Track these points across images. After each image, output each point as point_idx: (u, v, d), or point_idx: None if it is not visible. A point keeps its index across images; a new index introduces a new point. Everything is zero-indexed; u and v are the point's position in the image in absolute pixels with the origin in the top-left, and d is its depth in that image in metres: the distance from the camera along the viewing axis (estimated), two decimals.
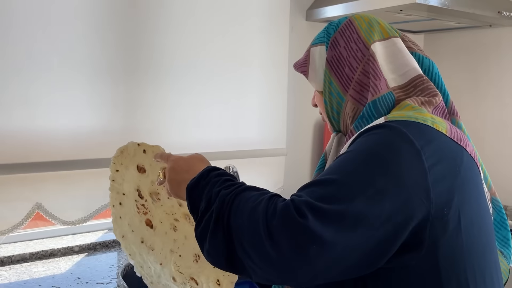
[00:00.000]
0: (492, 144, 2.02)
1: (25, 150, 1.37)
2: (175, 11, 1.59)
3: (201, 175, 0.77)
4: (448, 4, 1.57)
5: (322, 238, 0.59)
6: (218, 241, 0.67)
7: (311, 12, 1.90)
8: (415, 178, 0.65)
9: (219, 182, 0.74)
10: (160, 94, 1.59)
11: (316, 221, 0.60)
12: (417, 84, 0.81)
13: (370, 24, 0.84)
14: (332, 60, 0.85)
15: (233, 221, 0.67)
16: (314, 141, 2.06)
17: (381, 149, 0.67)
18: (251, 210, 0.65)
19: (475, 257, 0.71)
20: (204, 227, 0.70)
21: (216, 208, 0.69)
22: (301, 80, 1.95)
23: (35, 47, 1.36)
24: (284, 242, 0.60)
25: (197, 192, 0.76)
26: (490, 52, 2.04)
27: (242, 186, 0.72)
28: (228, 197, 0.69)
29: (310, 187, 0.66)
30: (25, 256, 1.44)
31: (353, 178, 0.65)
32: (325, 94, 0.86)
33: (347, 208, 0.61)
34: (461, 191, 0.69)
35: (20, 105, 1.36)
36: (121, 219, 1.07)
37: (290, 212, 0.61)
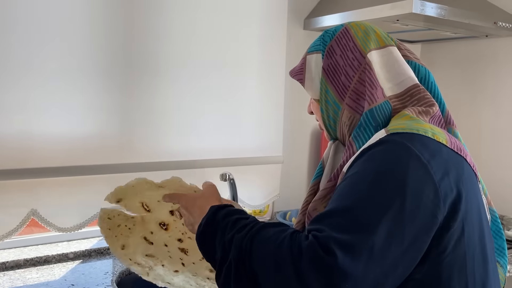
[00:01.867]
0: (488, 153, 2.03)
1: (21, 156, 1.37)
2: (173, 18, 1.59)
3: (207, 220, 0.76)
4: (444, 14, 1.58)
5: (353, 275, 0.59)
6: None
7: (309, 21, 1.91)
8: (428, 194, 0.65)
9: (229, 226, 0.72)
10: (157, 101, 1.59)
11: (345, 258, 0.59)
12: (413, 94, 0.81)
13: (366, 32, 0.84)
14: (328, 68, 0.85)
15: (256, 266, 0.65)
16: (311, 149, 2.06)
17: (390, 168, 0.67)
18: (274, 252, 0.64)
19: (476, 267, 0.71)
20: (226, 277, 0.68)
21: (234, 256, 0.67)
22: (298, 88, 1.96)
23: (33, 53, 1.36)
24: (314, 282, 0.59)
25: (208, 241, 0.75)
26: (487, 62, 2.06)
27: (255, 225, 0.70)
28: (244, 241, 0.67)
29: (327, 218, 0.65)
30: (19, 263, 1.43)
31: (370, 203, 0.64)
32: (322, 102, 0.86)
33: (372, 236, 0.61)
34: (464, 202, 0.69)
35: (16, 110, 1.36)
36: None
37: (317, 250, 0.60)
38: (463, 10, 1.64)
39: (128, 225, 1.06)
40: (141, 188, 1.06)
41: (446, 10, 1.58)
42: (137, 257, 1.02)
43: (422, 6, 1.51)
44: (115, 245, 1.02)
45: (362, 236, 0.61)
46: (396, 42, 0.87)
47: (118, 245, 1.03)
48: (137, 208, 1.06)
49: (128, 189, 1.05)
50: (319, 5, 1.92)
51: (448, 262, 0.68)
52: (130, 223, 1.07)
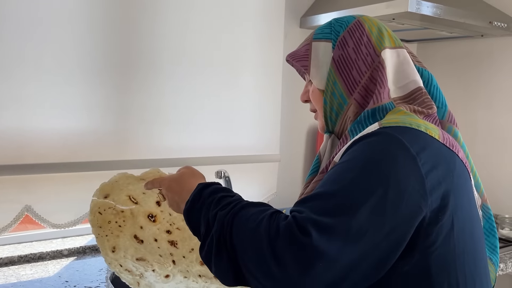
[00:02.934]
0: (483, 152, 2.04)
1: (15, 152, 1.36)
2: (170, 15, 1.59)
3: (194, 196, 0.78)
4: (440, 13, 1.59)
5: (328, 254, 0.59)
6: (224, 263, 0.68)
7: (305, 19, 1.91)
8: (413, 185, 0.65)
9: (214, 202, 0.74)
10: (153, 98, 1.59)
11: (320, 238, 0.60)
12: (416, 97, 0.81)
13: (380, 30, 0.83)
14: (339, 60, 0.81)
15: (236, 243, 0.67)
16: (307, 148, 2.06)
17: (378, 158, 0.67)
18: (253, 231, 0.65)
19: (466, 262, 0.71)
20: (207, 251, 0.71)
21: (216, 231, 0.69)
22: (295, 86, 1.96)
23: (27, 48, 1.36)
24: (289, 261, 0.60)
25: (194, 216, 0.76)
26: (482, 61, 2.06)
27: (238, 204, 0.71)
28: (226, 219, 0.69)
29: (310, 201, 0.66)
30: (13, 259, 1.43)
31: (353, 189, 0.65)
32: (327, 93, 0.83)
33: (350, 220, 0.62)
34: (454, 197, 0.70)
35: (11, 105, 1.35)
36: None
37: (293, 230, 0.61)
38: (458, 9, 1.65)
39: (119, 221, 1.06)
40: (124, 182, 1.06)
41: (442, 9, 1.59)
42: (127, 263, 1.03)
43: (418, 5, 1.52)
44: (106, 247, 1.03)
45: (340, 218, 0.62)
46: (403, 45, 0.86)
47: (109, 246, 1.03)
48: (125, 201, 1.07)
49: (113, 184, 1.06)
50: (316, 4, 1.93)
51: (437, 256, 0.68)
52: (120, 218, 1.07)
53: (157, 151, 1.62)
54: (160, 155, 1.62)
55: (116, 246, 1.04)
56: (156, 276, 1.03)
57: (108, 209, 1.06)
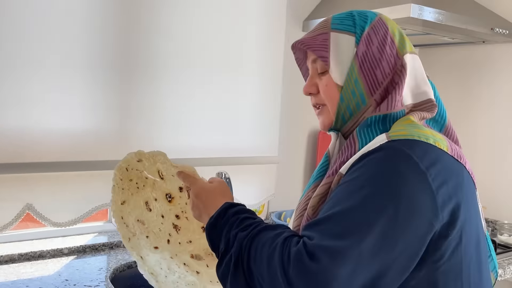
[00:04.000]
0: (483, 158, 2.04)
1: (18, 150, 1.37)
2: (173, 17, 1.60)
3: (219, 213, 0.79)
4: (442, 19, 1.60)
5: (339, 278, 0.60)
6: (240, 284, 0.69)
7: (308, 23, 1.92)
8: (425, 201, 0.65)
9: (237, 222, 0.75)
10: (154, 98, 1.60)
11: (331, 262, 0.60)
12: (425, 108, 0.79)
13: (400, 32, 0.80)
14: (364, 57, 0.76)
15: (253, 267, 0.68)
16: (307, 150, 2.07)
17: (387, 176, 0.66)
18: (268, 257, 0.66)
19: (472, 273, 0.72)
20: (224, 269, 0.72)
21: (235, 252, 0.71)
22: (294, 89, 1.97)
23: (30, 47, 1.37)
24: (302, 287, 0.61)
25: (216, 232, 0.77)
26: (483, 67, 2.07)
27: (258, 227, 0.72)
28: (245, 241, 0.70)
29: (319, 225, 0.66)
30: (14, 257, 1.43)
31: (363, 209, 0.64)
32: (346, 90, 0.77)
33: (361, 241, 0.61)
34: (463, 210, 0.69)
35: (13, 104, 1.36)
36: None
37: (303, 258, 0.62)
38: (460, 15, 1.66)
39: (139, 184, 1.08)
40: (161, 159, 1.09)
41: (444, 15, 1.60)
42: (129, 219, 1.05)
43: (420, 10, 1.53)
44: (117, 198, 1.05)
45: (351, 242, 0.61)
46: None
47: (120, 198, 1.05)
48: (153, 172, 1.09)
49: (150, 154, 1.08)
50: (318, 8, 1.94)
51: (445, 269, 0.68)
52: (141, 182, 1.09)
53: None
54: None
55: (126, 201, 1.06)
56: (147, 242, 1.05)
57: (136, 170, 1.08)
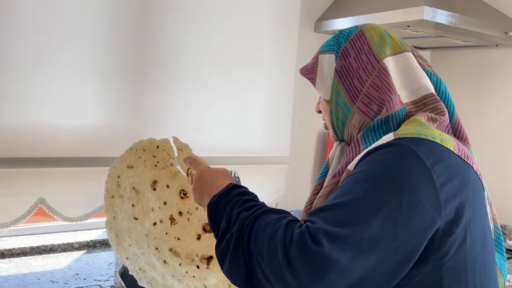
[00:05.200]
0: (495, 162, 2.03)
1: (32, 145, 1.39)
2: (186, 16, 1.61)
3: (222, 193, 0.79)
4: (455, 22, 1.59)
5: (339, 263, 0.61)
6: (238, 263, 0.70)
7: (320, 24, 1.92)
8: (427, 197, 0.66)
9: (240, 202, 0.76)
10: (167, 97, 1.61)
11: (332, 247, 0.61)
12: (427, 103, 0.81)
13: (382, 37, 0.83)
14: (341, 70, 0.83)
15: (253, 246, 0.68)
16: (317, 151, 2.07)
17: (392, 170, 0.68)
18: (269, 237, 0.67)
19: (477, 272, 0.72)
20: (224, 248, 0.72)
21: (236, 230, 0.71)
22: (307, 90, 1.97)
23: (45, 43, 1.39)
24: (302, 270, 0.62)
25: (218, 211, 0.78)
26: (496, 71, 2.06)
27: (261, 208, 0.73)
28: (247, 220, 0.71)
29: (323, 211, 0.67)
30: (25, 250, 1.46)
31: (367, 200, 0.65)
32: (332, 103, 0.85)
33: (362, 231, 0.62)
34: (468, 209, 0.70)
35: (27, 100, 1.38)
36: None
37: (306, 240, 0.63)
38: (474, 18, 1.65)
39: (159, 164, 1.09)
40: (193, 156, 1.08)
41: (457, 18, 1.59)
42: (125, 181, 1.05)
43: (433, 13, 1.52)
44: (128, 158, 1.05)
45: (353, 229, 0.63)
46: (410, 48, 0.86)
47: (129, 162, 1.06)
48: (182, 164, 1.08)
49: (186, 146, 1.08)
50: (331, 8, 1.94)
51: (449, 266, 0.68)
52: (162, 164, 1.09)
53: None
54: None
55: (135, 167, 1.06)
56: (129, 209, 1.05)
57: (165, 153, 1.08)
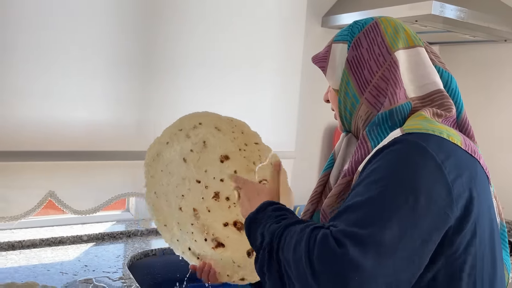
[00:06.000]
0: (504, 159, 2.02)
1: (42, 139, 1.41)
2: (192, 12, 1.62)
3: (259, 208, 0.82)
4: (463, 17, 1.58)
5: (362, 267, 0.60)
6: (273, 275, 0.71)
7: (327, 19, 1.92)
8: (440, 193, 0.66)
9: (272, 217, 0.78)
10: (174, 91, 1.62)
11: (354, 249, 0.61)
12: (434, 99, 0.80)
13: (396, 30, 0.83)
14: (352, 60, 0.83)
15: (281, 256, 0.70)
16: (323, 146, 2.07)
17: (405, 168, 0.67)
18: (295, 244, 0.68)
19: (485, 267, 0.72)
20: (261, 262, 0.74)
21: (267, 243, 0.73)
22: (313, 85, 1.97)
23: (54, 39, 1.40)
24: (325, 273, 0.62)
25: (253, 228, 0.80)
26: (504, 66, 2.04)
27: (290, 220, 0.75)
28: (277, 232, 0.73)
29: (342, 214, 0.67)
30: (35, 242, 1.48)
31: (383, 200, 0.65)
32: (341, 93, 0.85)
33: (382, 230, 0.62)
34: (477, 204, 0.70)
35: (38, 95, 1.40)
36: None
37: (329, 242, 0.63)
38: (482, 13, 1.64)
39: (243, 153, 1.09)
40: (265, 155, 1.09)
41: (466, 13, 1.58)
42: (203, 134, 1.10)
43: (441, 7, 1.51)
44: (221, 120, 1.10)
45: (373, 229, 0.62)
46: (423, 43, 0.86)
47: (221, 123, 1.10)
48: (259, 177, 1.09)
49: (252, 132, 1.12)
50: (338, 3, 1.93)
51: (460, 262, 0.69)
52: (246, 155, 1.10)
53: None
54: None
55: (222, 131, 1.10)
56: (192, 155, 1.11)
57: (258, 151, 1.09)
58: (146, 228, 1.68)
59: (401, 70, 0.79)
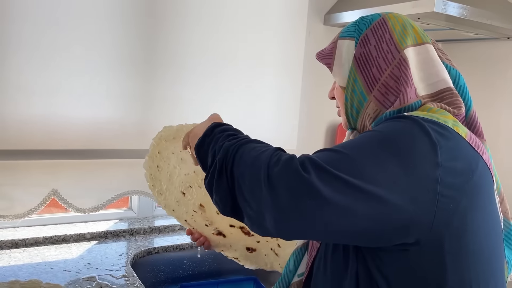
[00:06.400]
0: (506, 156, 2.01)
1: (45, 137, 1.42)
2: (194, 9, 1.62)
3: (205, 133, 0.81)
4: (466, 14, 1.57)
5: (320, 193, 0.60)
6: (223, 190, 0.70)
7: (329, 16, 1.92)
8: (425, 169, 0.65)
9: (223, 136, 0.77)
10: (176, 89, 1.62)
11: (317, 178, 0.61)
12: (444, 96, 0.80)
13: (404, 27, 0.82)
14: (360, 57, 0.82)
15: (235, 170, 0.69)
16: (325, 143, 2.07)
17: (398, 136, 0.68)
18: (254, 159, 0.67)
19: (481, 263, 0.72)
20: (210, 179, 0.73)
21: (220, 159, 0.72)
22: (315, 83, 1.97)
23: (58, 36, 1.40)
24: (282, 189, 0.62)
25: (203, 150, 0.79)
26: (507, 64, 2.04)
27: (246, 138, 0.75)
28: (231, 148, 0.72)
29: (321, 151, 0.67)
30: (39, 240, 1.49)
31: (365, 156, 0.65)
32: (348, 90, 0.84)
33: (353, 180, 0.61)
34: (471, 196, 0.69)
35: (41, 93, 1.40)
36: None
37: (294, 163, 0.63)
38: (485, 11, 1.63)
39: None
40: None
41: (468, 10, 1.57)
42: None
43: (444, 5, 1.51)
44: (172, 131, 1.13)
45: (343, 174, 0.61)
46: (431, 40, 0.85)
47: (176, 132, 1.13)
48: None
49: None
50: (340, 1, 1.93)
51: (450, 249, 0.68)
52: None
53: None
54: None
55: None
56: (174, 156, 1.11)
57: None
58: (149, 226, 1.68)
59: (411, 68, 0.79)
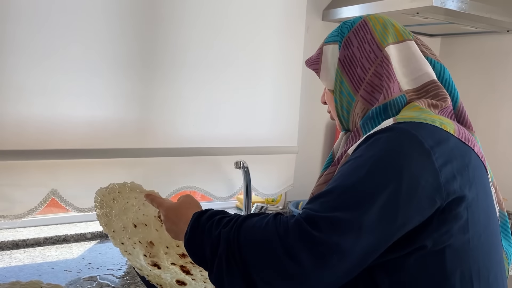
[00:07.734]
0: (506, 150, 2.01)
1: (44, 137, 1.41)
2: (193, 7, 1.61)
3: (191, 226, 0.77)
4: (465, 8, 1.56)
5: (341, 246, 0.61)
6: (236, 279, 0.67)
7: (328, 12, 1.91)
8: (427, 179, 0.66)
9: (214, 224, 0.73)
10: (175, 88, 1.62)
11: (331, 232, 0.62)
12: (429, 90, 0.81)
13: (385, 26, 0.84)
14: (344, 59, 0.85)
15: (245, 254, 0.66)
16: (326, 141, 2.07)
17: (391, 153, 0.68)
18: (261, 237, 0.66)
19: (481, 255, 0.72)
20: (217, 272, 0.70)
21: (223, 250, 0.69)
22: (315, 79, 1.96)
23: (56, 36, 1.40)
24: (304, 256, 0.61)
25: (196, 244, 0.75)
26: (507, 57, 2.03)
27: (239, 218, 0.72)
28: (231, 234, 0.69)
29: (322, 197, 0.67)
30: (39, 240, 1.48)
31: (366, 184, 0.66)
32: (336, 93, 0.87)
33: (362, 215, 0.63)
34: (470, 190, 0.71)
35: (40, 93, 1.40)
36: None
37: (303, 226, 0.63)
38: (484, 4, 1.62)
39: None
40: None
41: (467, 4, 1.56)
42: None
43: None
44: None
45: (352, 213, 0.63)
46: (413, 37, 0.87)
47: None
48: None
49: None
50: None
51: (451, 246, 0.69)
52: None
53: (177, 140, 1.66)
54: (181, 144, 1.65)
55: None
56: None
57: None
58: None
59: (393, 64, 0.81)
